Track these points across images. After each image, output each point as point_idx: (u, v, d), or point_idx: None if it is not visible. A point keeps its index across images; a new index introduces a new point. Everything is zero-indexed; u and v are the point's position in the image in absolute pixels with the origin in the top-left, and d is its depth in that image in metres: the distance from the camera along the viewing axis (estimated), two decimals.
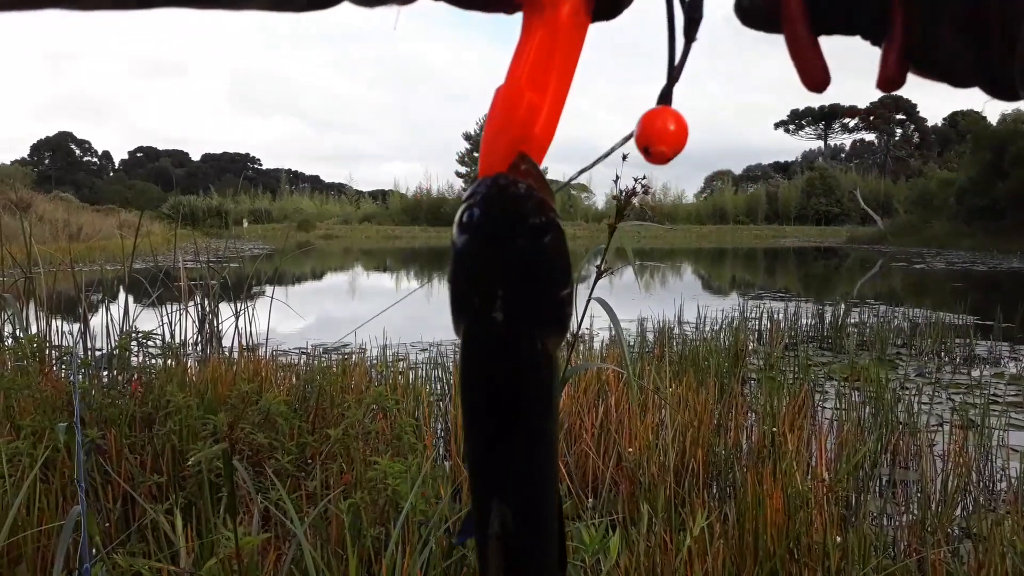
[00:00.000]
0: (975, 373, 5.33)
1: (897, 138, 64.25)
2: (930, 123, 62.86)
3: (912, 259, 20.08)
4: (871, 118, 63.43)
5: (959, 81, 0.36)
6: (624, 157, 1.07)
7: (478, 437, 0.33)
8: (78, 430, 1.31)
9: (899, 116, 63.03)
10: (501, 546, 0.33)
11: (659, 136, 0.35)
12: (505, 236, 0.30)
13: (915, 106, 62.31)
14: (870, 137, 66.71)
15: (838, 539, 1.82)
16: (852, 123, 64.62)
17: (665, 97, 0.37)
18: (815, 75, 0.37)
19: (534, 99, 0.32)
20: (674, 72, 0.37)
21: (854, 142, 68.43)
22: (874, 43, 0.37)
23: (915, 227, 28.39)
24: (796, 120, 65.00)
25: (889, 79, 0.37)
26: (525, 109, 0.32)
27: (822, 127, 65.09)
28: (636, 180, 1.17)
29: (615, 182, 1.22)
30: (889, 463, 3.25)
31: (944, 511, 2.49)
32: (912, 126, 63.55)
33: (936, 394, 4.48)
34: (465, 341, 0.32)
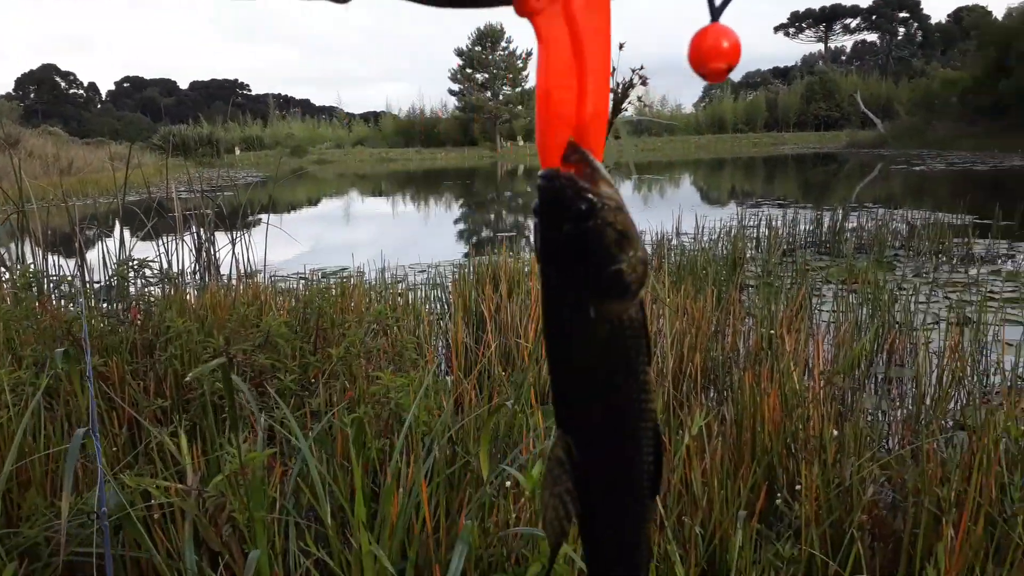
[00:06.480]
0: (972, 271, 5.34)
1: (900, 38, 62.65)
2: (934, 20, 61.27)
3: (912, 161, 19.88)
4: (873, 17, 61.69)
5: None
6: (620, 46, 0.98)
7: (551, 372, 0.39)
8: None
9: (902, 14, 61.29)
10: (565, 469, 0.39)
11: (715, 53, 0.37)
12: (550, 225, 0.36)
13: (918, 3, 60.53)
14: (872, 37, 65.10)
15: (835, 432, 1.85)
16: (854, 23, 62.89)
17: (716, 12, 0.38)
18: None
19: (561, 96, 0.36)
20: None
21: (855, 44, 66.80)
22: None
23: (916, 129, 27.91)
24: (796, 23, 63.27)
25: None
26: (554, 107, 0.36)
27: (823, 29, 63.39)
28: (634, 71, 1.04)
29: (612, 73, 1.15)
30: (885, 362, 3.29)
31: (938, 405, 2.53)
32: (915, 24, 61.86)
33: (933, 293, 4.50)
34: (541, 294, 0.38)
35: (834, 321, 3.58)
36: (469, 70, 37.77)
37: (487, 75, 37.84)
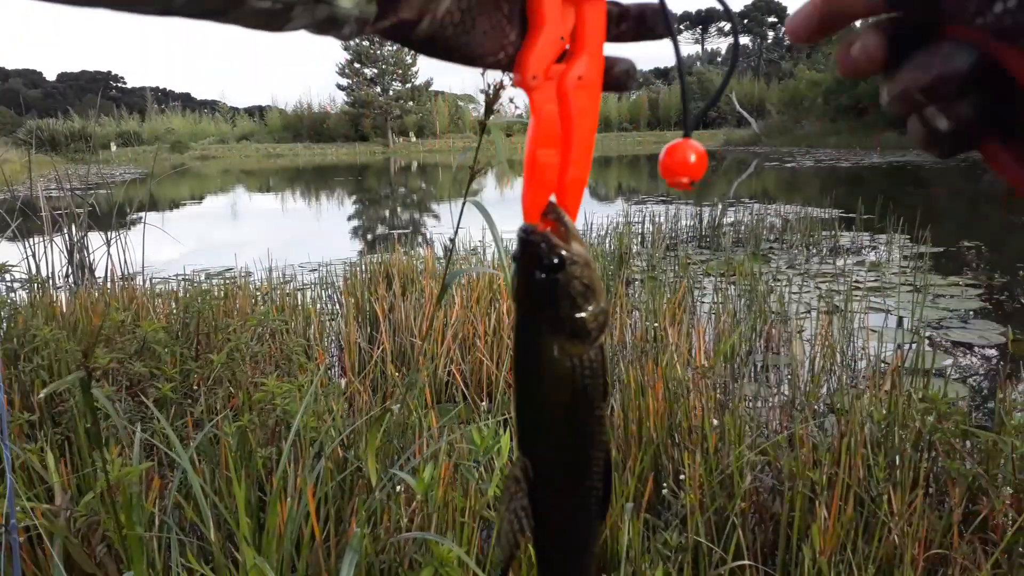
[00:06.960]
0: (839, 262, 5.69)
1: (769, 41, 65.95)
2: None
3: (784, 159, 20.96)
4: (745, 21, 64.66)
5: None
6: None
7: (516, 400, 0.43)
8: None
9: (771, 19, 64.53)
10: (521, 488, 0.43)
11: (681, 167, 0.44)
12: (525, 273, 0.40)
13: (785, 8, 63.90)
14: (745, 40, 68.17)
15: (715, 422, 1.93)
16: (727, 27, 65.74)
17: (686, 128, 0.45)
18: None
19: (546, 162, 0.41)
20: (712, 100, 0.49)
21: (729, 46, 69.80)
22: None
23: (786, 128, 29.46)
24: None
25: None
26: (539, 171, 0.41)
27: (699, 32, 65.96)
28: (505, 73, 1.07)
29: (482, 75, 1.17)
30: (763, 350, 3.46)
31: (811, 390, 2.68)
32: (783, 28, 65.25)
33: (805, 284, 4.77)
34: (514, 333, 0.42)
35: (714, 313, 3.74)
36: (357, 64, 37.08)
37: (376, 70, 37.28)
